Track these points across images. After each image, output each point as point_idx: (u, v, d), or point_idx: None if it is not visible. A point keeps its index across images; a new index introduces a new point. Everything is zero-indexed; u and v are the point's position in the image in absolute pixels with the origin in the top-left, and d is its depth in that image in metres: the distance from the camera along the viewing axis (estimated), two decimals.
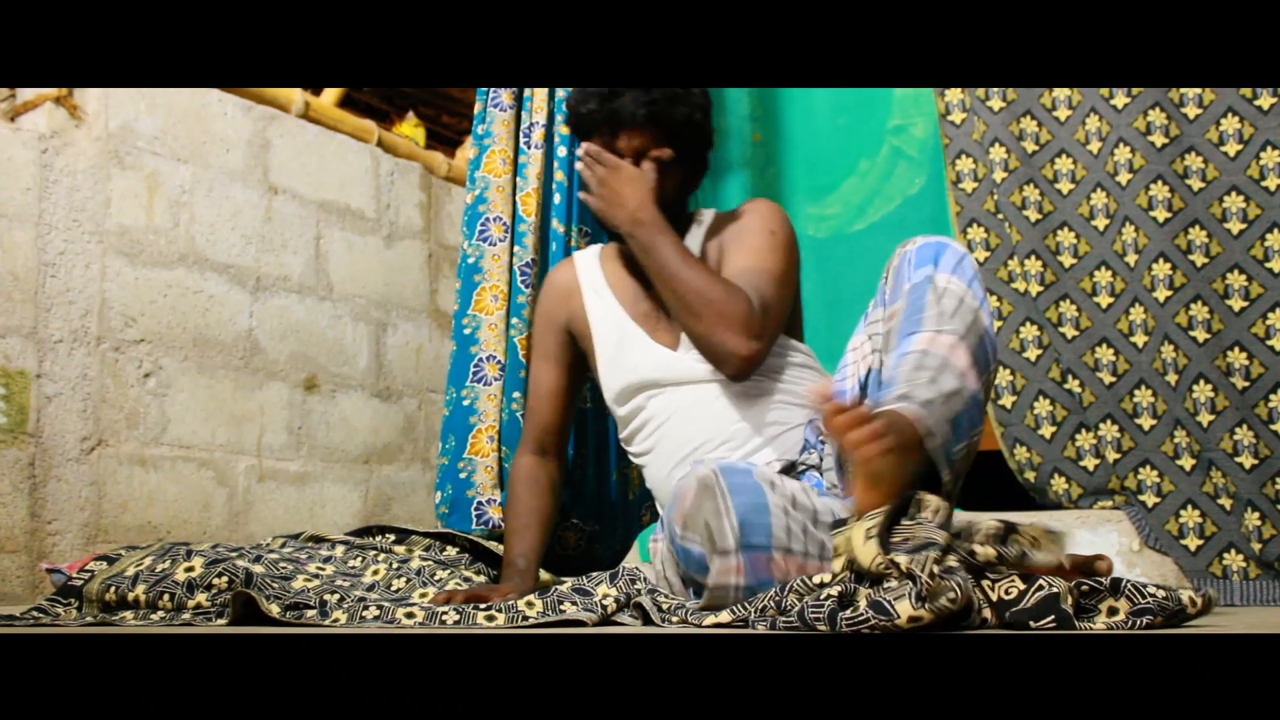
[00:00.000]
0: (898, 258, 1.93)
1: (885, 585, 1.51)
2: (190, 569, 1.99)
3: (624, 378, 2.26)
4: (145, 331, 2.77)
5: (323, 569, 2.16)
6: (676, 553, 1.95)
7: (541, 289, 2.49)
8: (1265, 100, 2.51)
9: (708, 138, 2.33)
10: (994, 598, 1.48)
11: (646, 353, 2.25)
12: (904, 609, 1.42)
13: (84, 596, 2.01)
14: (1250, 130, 2.52)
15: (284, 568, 2.09)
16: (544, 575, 2.25)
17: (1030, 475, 2.67)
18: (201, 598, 1.95)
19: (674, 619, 1.77)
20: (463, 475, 2.71)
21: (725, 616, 1.70)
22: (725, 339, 2.07)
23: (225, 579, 1.96)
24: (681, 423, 2.20)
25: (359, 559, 2.29)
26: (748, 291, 2.10)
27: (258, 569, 2.00)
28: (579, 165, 2.22)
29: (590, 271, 2.40)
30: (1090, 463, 2.62)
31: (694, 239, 2.32)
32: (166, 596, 1.96)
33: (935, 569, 1.43)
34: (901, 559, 1.46)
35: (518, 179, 2.88)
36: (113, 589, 1.99)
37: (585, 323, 2.35)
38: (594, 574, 2.12)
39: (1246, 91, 2.52)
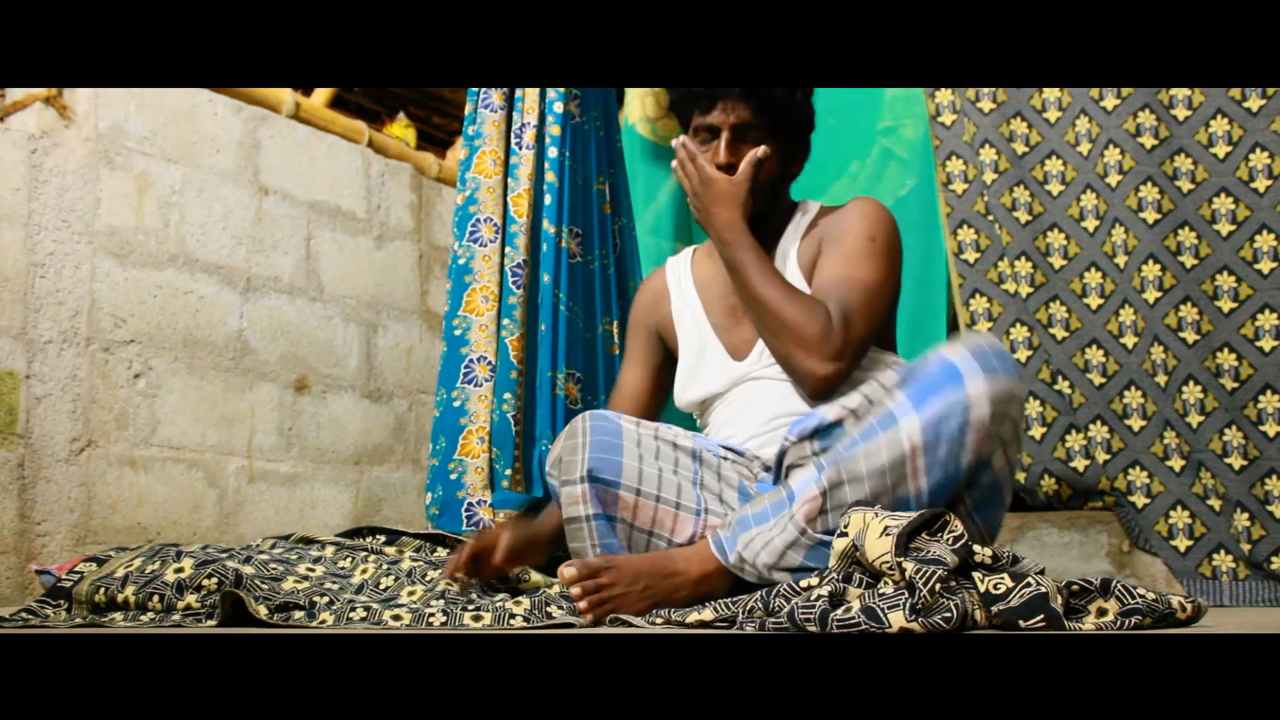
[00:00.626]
0: (921, 364, 1.88)
1: (879, 589, 1.51)
2: (180, 570, 1.99)
3: (696, 392, 2.27)
4: (135, 332, 2.76)
5: (312, 570, 2.15)
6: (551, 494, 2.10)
7: (636, 293, 2.50)
8: (1254, 102, 2.52)
9: (808, 118, 2.30)
10: (982, 589, 1.48)
11: (723, 369, 2.25)
12: (897, 620, 1.42)
13: (73, 598, 2.01)
14: (1239, 132, 2.52)
15: (274, 569, 2.08)
16: (535, 577, 2.25)
17: (1020, 476, 2.67)
18: (191, 599, 1.95)
19: (658, 620, 1.78)
20: (453, 477, 2.70)
21: (708, 614, 1.70)
22: (801, 360, 2.06)
23: (215, 580, 1.95)
24: (745, 420, 2.21)
25: (349, 560, 2.28)
26: (831, 307, 2.07)
27: (247, 570, 2.00)
28: (675, 164, 2.21)
29: (681, 276, 2.40)
30: (1080, 464, 2.63)
31: (795, 231, 2.28)
32: (156, 598, 1.95)
33: (937, 586, 1.43)
34: (909, 566, 1.46)
35: (509, 180, 2.87)
36: (102, 590, 1.99)
37: (673, 328, 2.36)
38: None
39: (1235, 93, 2.53)
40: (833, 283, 2.12)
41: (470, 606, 1.90)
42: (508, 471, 2.70)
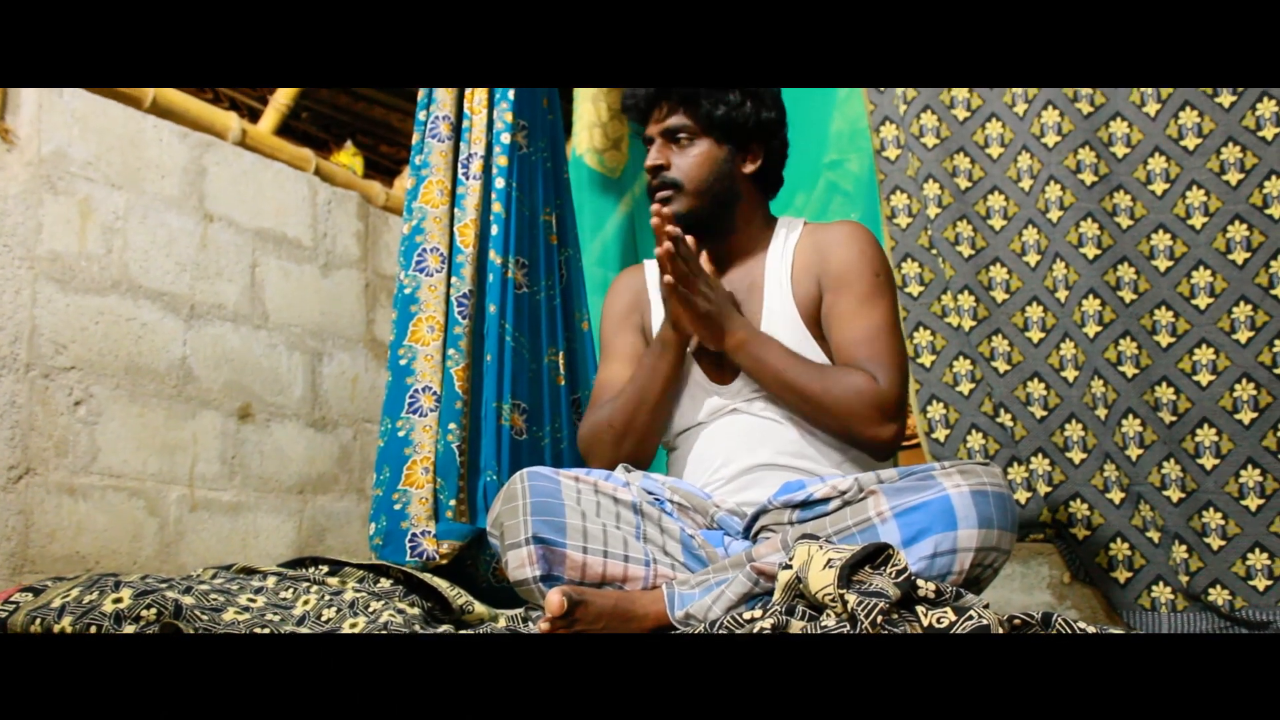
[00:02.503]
0: (921, 483, 1.87)
1: (821, 622, 1.52)
2: (118, 600, 1.96)
3: (676, 421, 2.24)
4: (76, 358, 2.73)
5: (254, 601, 2.13)
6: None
7: (611, 291, 2.42)
8: (1190, 141, 2.56)
9: (756, 116, 2.23)
10: (925, 623, 1.49)
11: (704, 398, 2.21)
12: None
13: (8, 629, 1.97)
14: (1177, 170, 2.57)
15: (214, 599, 2.06)
16: (479, 609, 2.24)
17: None
18: (129, 630, 1.92)
19: None
20: (397, 507, 2.69)
21: None
22: (862, 431, 2.06)
23: (154, 611, 1.93)
24: (716, 461, 2.18)
25: (290, 590, 2.26)
26: (871, 368, 2.07)
27: (187, 600, 1.98)
28: (662, 282, 2.10)
29: (658, 290, 2.30)
30: (1022, 496, 2.65)
31: (782, 252, 2.25)
32: (93, 629, 1.93)
33: (879, 619, 1.44)
34: (851, 598, 1.47)
35: (455, 210, 2.87)
36: (38, 621, 1.96)
37: (652, 336, 2.30)
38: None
39: (1172, 132, 2.58)
40: (863, 338, 2.12)
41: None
42: (452, 502, 2.69)
